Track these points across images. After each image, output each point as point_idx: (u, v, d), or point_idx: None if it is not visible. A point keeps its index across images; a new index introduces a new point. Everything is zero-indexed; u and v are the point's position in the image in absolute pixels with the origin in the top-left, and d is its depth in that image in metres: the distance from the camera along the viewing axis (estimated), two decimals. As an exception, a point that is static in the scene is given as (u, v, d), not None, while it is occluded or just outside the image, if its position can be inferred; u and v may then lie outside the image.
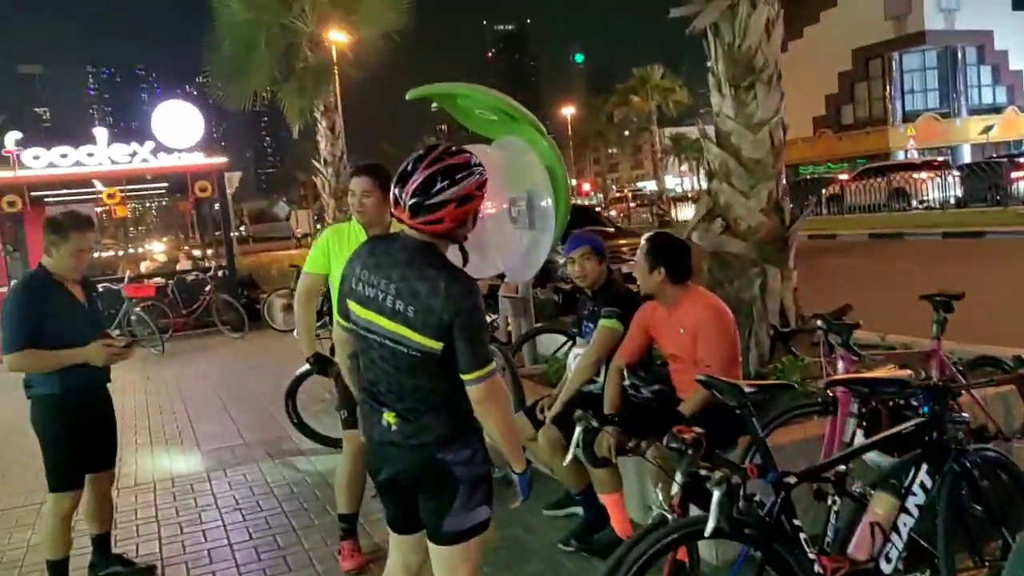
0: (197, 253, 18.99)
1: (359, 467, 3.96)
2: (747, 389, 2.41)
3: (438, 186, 2.24)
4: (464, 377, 2.28)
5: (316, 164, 15.04)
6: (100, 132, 13.80)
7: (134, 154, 13.59)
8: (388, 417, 2.37)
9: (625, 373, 3.84)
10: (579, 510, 4.22)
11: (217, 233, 16.22)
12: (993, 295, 8.45)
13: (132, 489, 5.45)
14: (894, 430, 2.58)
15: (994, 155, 31.47)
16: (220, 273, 14.05)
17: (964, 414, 2.65)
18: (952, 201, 25.44)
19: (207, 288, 13.32)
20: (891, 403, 3.02)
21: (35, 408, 3.73)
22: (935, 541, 2.61)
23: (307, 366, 6.05)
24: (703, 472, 2.29)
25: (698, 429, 2.44)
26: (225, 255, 14.67)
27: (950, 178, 26.37)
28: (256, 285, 15.02)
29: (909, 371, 2.63)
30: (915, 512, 2.50)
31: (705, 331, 3.47)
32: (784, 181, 4.90)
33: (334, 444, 5.98)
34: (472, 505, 2.38)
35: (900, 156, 37.44)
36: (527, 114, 6.43)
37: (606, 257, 4.13)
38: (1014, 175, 23.90)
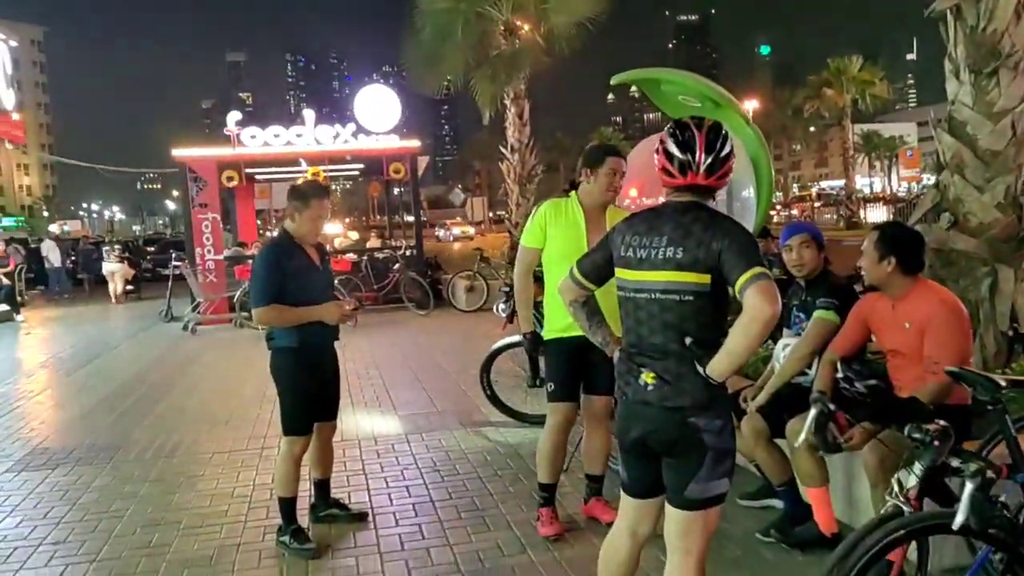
0: (385, 232, 20.04)
1: (562, 439, 4.10)
2: (1002, 383, 2.30)
3: (718, 143, 2.42)
4: (737, 283, 2.28)
5: (502, 150, 15.46)
6: (308, 114, 14.87)
7: (337, 135, 14.55)
8: (646, 377, 2.47)
9: (839, 366, 3.73)
10: (775, 502, 4.15)
11: (405, 213, 16.99)
12: None
13: (340, 443, 5.86)
14: None
15: None
16: (408, 252, 14.78)
17: None
18: None
19: (396, 266, 14.06)
20: None
21: (275, 358, 4.11)
22: None
23: (503, 341, 6.34)
24: (954, 464, 2.21)
25: (942, 422, 2.36)
26: (414, 235, 15.41)
27: None
28: (440, 267, 15.69)
29: None
30: None
31: (936, 327, 3.31)
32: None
33: (523, 418, 6.20)
34: (716, 475, 2.45)
35: None
36: (733, 101, 6.34)
37: (824, 246, 4.02)
38: None
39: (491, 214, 53.90)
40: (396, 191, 21.03)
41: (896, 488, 2.40)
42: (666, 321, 2.45)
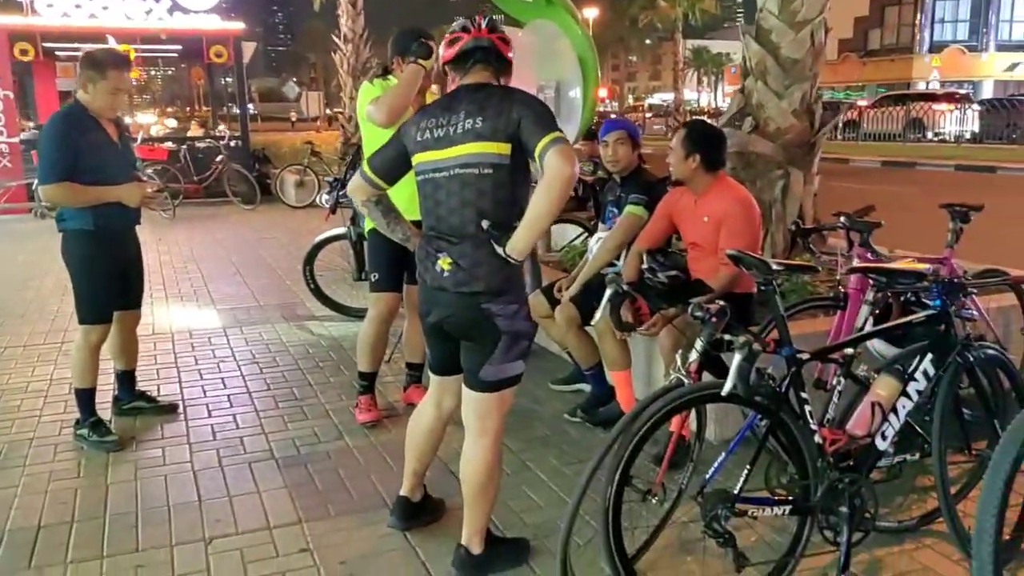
0: (209, 122, 18.81)
1: (384, 329, 4.12)
2: (774, 266, 2.51)
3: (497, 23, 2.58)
4: (537, 148, 2.32)
5: (336, 40, 14.73)
6: (117, -15, 13.46)
7: (150, 11, 13.32)
8: (443, 263, 2.50)
9: (644, 257, 3.94)
10: (585, 386, 4.40)
11: (231, 105, 15.99)
12: (999, 226, 8.49)
13: (151, 337, 5.62)
14: (906, 319, 2.70)
15: (1016, 93, 30.90)
16: (233, 144, 13.98)
17: (972, 311, 2.76)
18: (968, 136, 25.17)
19: (219, 157, 13.29)
20: (902, 298, 3.15)
21: (67, 242, 3.81)
22: (929, 427, 2.77)
23: (326, 233, 6.21)
24: (726, 339, 2.42)
25: (721, 302, 2.56)
26: (239, 126, 14.55)
27: (969, 112, 26.03)
28: (268, 160, 14.96)
29: (928, 265, 2.73)
30: (915, 397, 2.64)
31: (730, 221, 3.56)
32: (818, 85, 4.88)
33: (347, 312, 6.16)
34: (510, 358, 2.55)
35: (921, 86, 36.73)
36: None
37: (639, 144, 4.17)
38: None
39: (328, 111, 51.42)
40: (223, 80, 19.69)
41: (679, 363, 2.60)
42: (465, 198, 2.47)
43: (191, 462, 3.68)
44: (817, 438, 2.54)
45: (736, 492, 2.43)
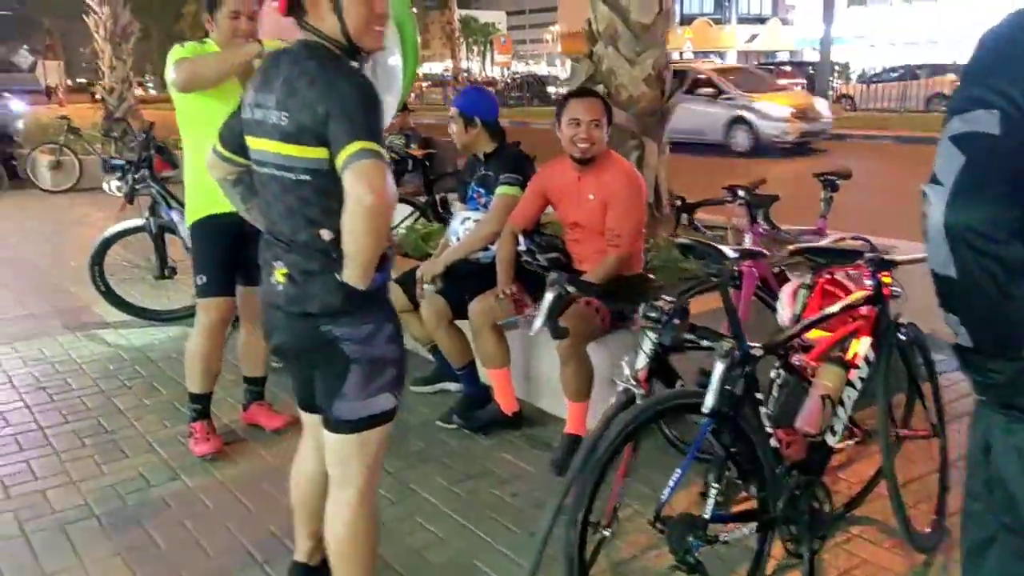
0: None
1: (217, 341, 3.43)
2: (731, 253, 2.20)
3: None
4: (338, 161, 1.78)
5: (88, 2, 12.85)
6: None
7: None
8: (279, 275, 1.97)
9: (521, 239, 3.56)
10: (451, 386, 4.00)
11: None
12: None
13: None
14: (846, 301, 2.52)
15: (759, 62, 33.86)
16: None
17: (899, 288, 2.65)
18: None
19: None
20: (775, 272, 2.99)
21: None
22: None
23: (119, 226, 5.25)
24: (704, 344, 2.09)
25: (669, 297, 2.24)
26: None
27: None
28: (13, 138, 12.77)
29: (862, 242, 2.57)
30: (859, 385, 2.47)
31: (620, 200, 3.26)
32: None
33: (149, 315, 5.26)
34: (370, 391, 2.00)
35: (676, 56, 39.30)
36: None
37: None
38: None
39: (68, 81, 45.68)
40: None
41: (626, 371, 2.25)
42: (288, 205, 1.93)
43: (-20, 536, 2.85)
44: (773, 442, 2.30)
45: (708, 516, 2.13)
